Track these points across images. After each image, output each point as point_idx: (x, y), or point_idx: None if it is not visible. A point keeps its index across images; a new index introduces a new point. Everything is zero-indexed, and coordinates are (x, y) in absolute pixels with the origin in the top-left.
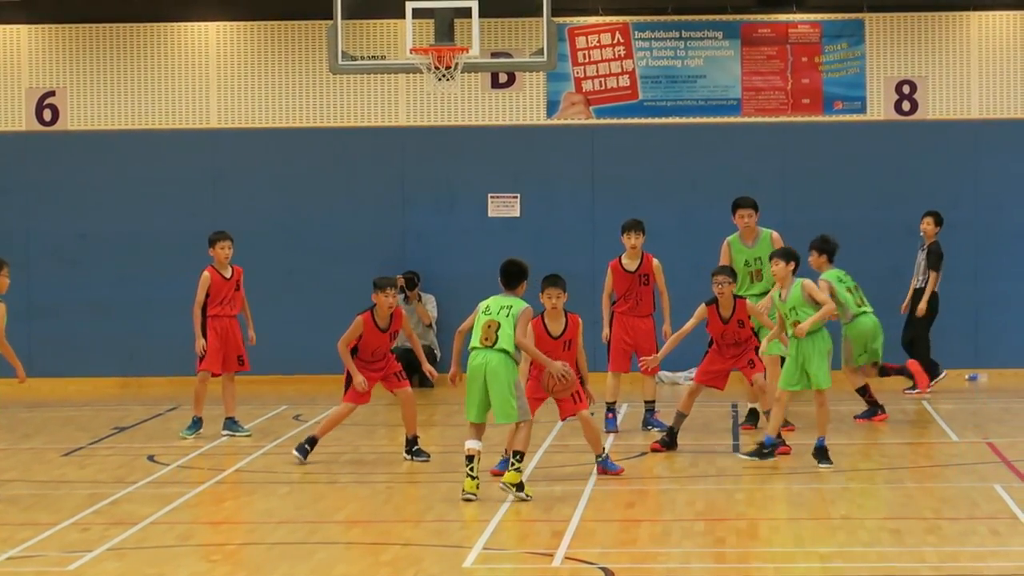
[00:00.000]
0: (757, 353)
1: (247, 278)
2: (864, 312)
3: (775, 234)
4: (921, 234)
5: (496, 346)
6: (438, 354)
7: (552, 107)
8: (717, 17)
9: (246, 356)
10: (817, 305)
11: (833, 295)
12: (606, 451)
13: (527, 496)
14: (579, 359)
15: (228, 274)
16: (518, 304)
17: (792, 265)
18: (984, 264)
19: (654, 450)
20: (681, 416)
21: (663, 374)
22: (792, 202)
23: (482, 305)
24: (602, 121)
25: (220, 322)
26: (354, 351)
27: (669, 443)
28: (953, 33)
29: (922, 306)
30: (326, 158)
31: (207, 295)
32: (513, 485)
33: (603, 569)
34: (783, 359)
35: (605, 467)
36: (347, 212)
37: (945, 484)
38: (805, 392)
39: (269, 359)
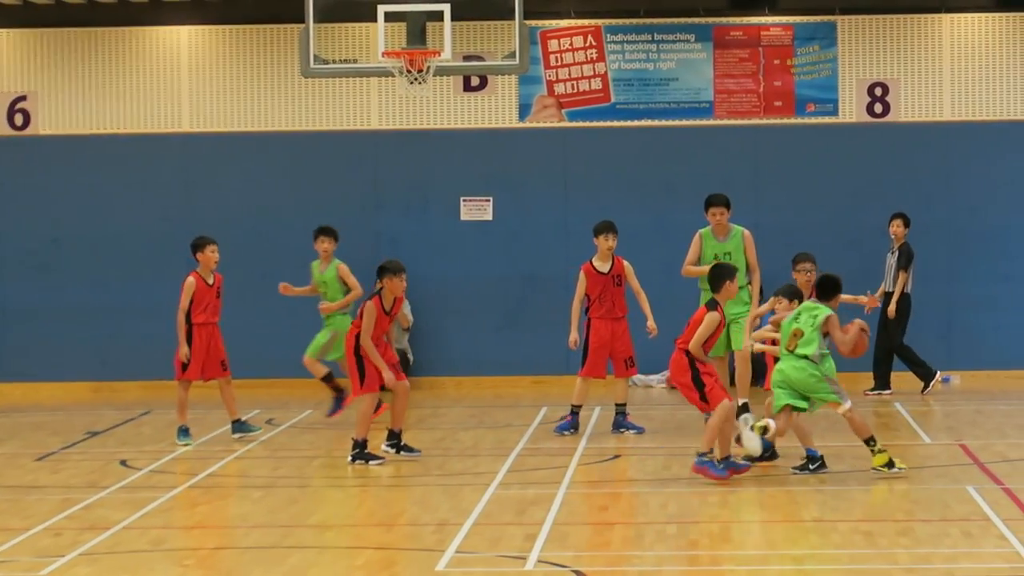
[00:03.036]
0: None
1: (226, 282)
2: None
3: (747, 232)
4: (891, 236)
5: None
6: (411, 358)
7: (524, 110)
8: (689, 20)
9: (227, 361)
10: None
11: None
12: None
13: (900, 468)
14: None
15: (211, 280)
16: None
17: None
18: (957, 266)
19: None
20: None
21: (637, 378)
22: (765, 204)
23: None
24: (574, 124)
25: (205, 329)
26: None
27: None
28: (925, 35)
29: (891, 308)
30: (298, 162)
31: (191, 302)
32: (883, 466)
33: (576, 572)
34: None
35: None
36: (320, 216)
37: (918, 486)
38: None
39: (241, 363)
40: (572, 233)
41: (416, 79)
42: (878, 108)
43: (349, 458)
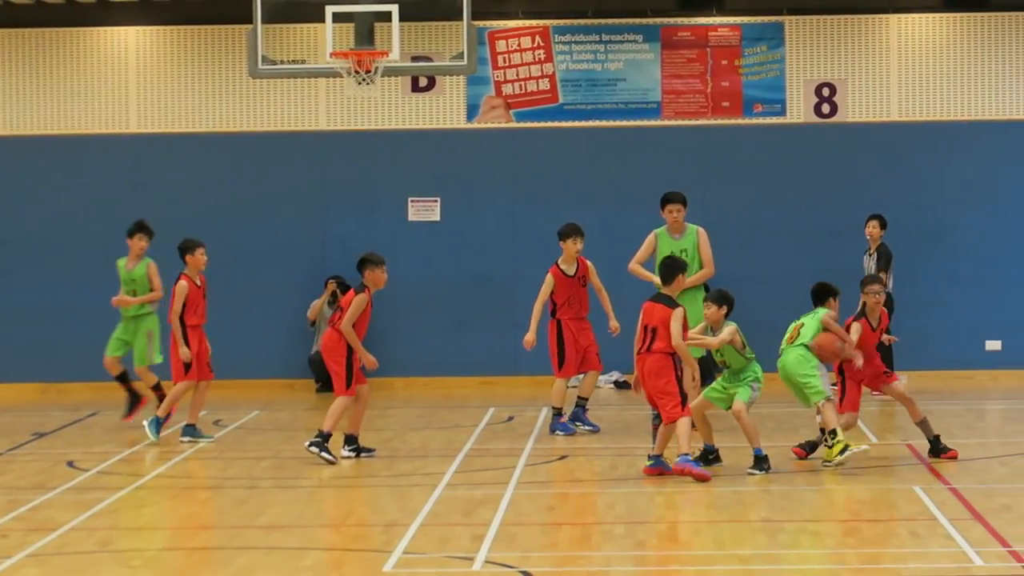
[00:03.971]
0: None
1: (173, 282)
2: None
3: (702, 230)
4: (867, 238)
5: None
6: None
7: (472, 111)
8: (637, 20)
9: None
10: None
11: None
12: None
13: (859, 448)
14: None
15: (199, 282)
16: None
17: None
18: (903, 266)
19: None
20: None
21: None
22: (713, 205)
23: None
24: (522, 125)
25: (196, 332)
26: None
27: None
28: (872, 36)
29: None
30: (246, 163)
31: (183, 304)
32: (839, 454)
33: (523, 573)
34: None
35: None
36: (268, 217)
37: (865, 486)
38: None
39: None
40: (520, 234)
41: (364, 80)
42: (825, 108)
43: (307, 442)
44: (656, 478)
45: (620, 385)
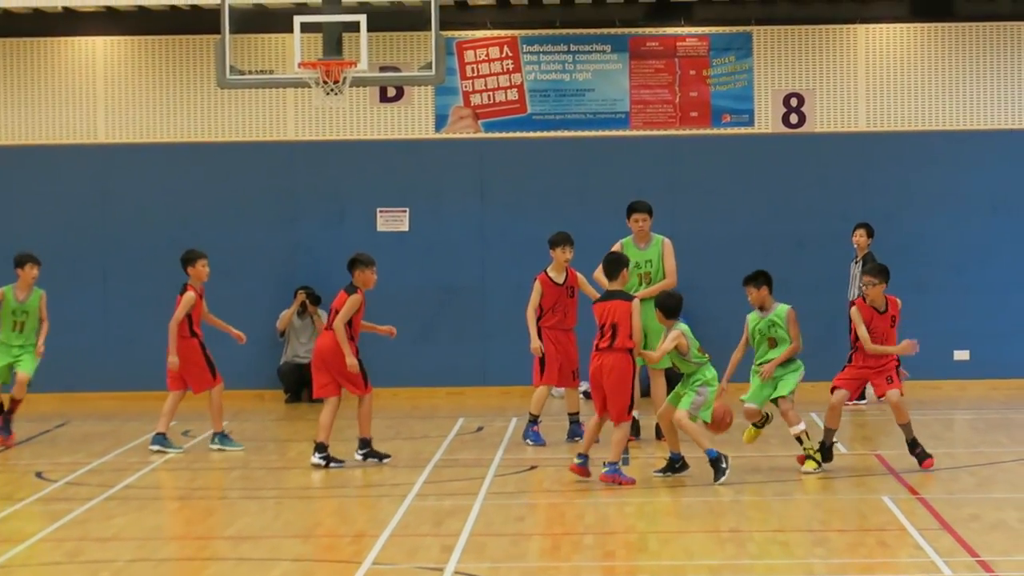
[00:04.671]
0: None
1: (143, 293)
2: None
3: (667, 240)
4: (854, 246)
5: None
6: None
7: (440, 121)
8: (605, 31)
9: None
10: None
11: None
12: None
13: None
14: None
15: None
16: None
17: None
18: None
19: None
20: (831, 432)
21: (555, 390)
22: (681, 215)
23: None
24: (491, 135)
25: (199, 341)
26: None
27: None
28: (840, 46)
29: None
30: (215, 173)
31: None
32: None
33: None
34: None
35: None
36: (236, 227)
37: (834, 496)
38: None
39: (157, 375)
40: (488, 244)
41: (332, 90)
42: (794, 118)
43: (358, 453)
44: (625, 488)
45: (588, 396)
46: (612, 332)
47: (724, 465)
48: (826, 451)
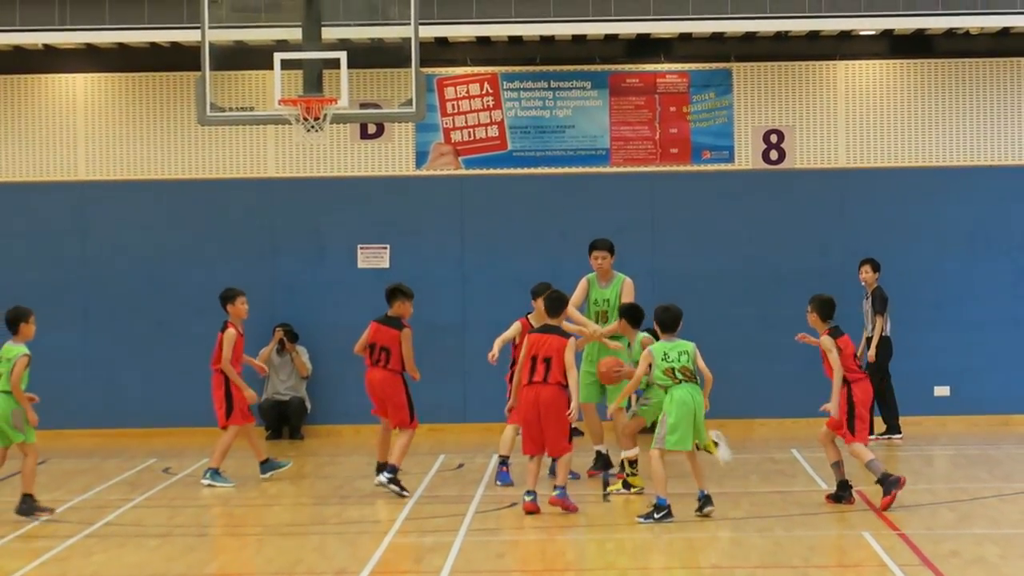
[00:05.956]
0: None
1: (123, 330)
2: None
3: (628, 280)
4: (862, 283)
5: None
6: (309, 406)
7: (421, 158)
8: (585, 67)
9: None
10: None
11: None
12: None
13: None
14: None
15: (241, 330)
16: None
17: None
18: (851, 312)
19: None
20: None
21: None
22: (661, 251)
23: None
24: (471, 172)
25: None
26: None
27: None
28: (820, 82)
29: (872, 352)
30: (195, 209)
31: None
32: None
33: None
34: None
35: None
36: (216, 263)
37: (814, 532)
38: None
39: (138, 411)
40: (469, 281)
41: (313, 127)
42: (774, 155)
43: (385, 479)
44: (606, 525)
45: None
46: (546, 367)
47: (666, 516)
48: (840, 485)
